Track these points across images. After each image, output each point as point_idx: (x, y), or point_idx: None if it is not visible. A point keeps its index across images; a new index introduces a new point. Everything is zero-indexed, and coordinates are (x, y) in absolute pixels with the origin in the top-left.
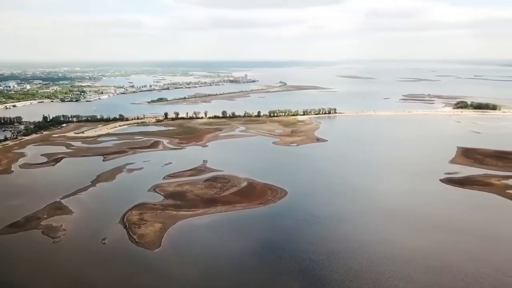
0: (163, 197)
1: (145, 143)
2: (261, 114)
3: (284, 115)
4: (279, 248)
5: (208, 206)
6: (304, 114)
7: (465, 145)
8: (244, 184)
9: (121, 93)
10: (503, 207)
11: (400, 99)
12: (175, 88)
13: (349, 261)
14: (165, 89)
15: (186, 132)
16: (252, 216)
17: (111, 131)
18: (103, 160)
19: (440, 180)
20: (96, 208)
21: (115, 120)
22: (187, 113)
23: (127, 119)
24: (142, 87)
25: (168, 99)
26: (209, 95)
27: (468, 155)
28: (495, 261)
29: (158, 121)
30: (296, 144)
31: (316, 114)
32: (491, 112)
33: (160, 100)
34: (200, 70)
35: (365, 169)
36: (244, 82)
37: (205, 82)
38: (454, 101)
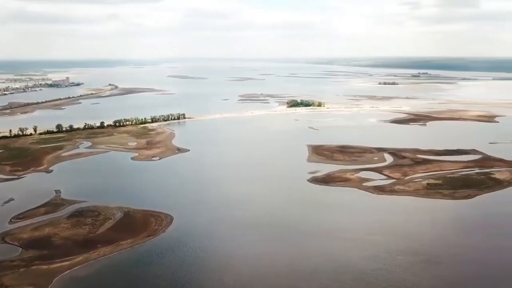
0: (20, 249)
1: None
2: (105, 124)
3: (132, 124)
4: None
5: (86, 251)
6: (153, 121)
7: (312, 143)
8: (120, 214)
9: None
10: (368, 200)
11: (238, 100)
12: None
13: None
14: None
15: (17, 155)
16: (145, 254)
17: None
18: None
19: (308, 180)
20: None
21: None
22: (10, 130)
23: None
24: None
25: None
26: (28, 104)
27: (319, 152)
28: (384, 256)
29: None
30: (158, 158)
31: (165, 120)
32: (318, 108)
33: None
34: (2, 72)
35: (237, 177)
36: (67, 86)
37: (17, 88)
38: (283, 100)
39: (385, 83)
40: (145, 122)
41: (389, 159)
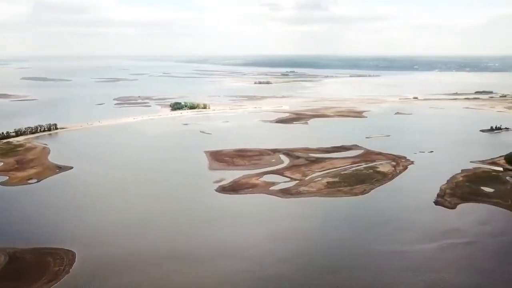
0: None
1: None
2: None
3: None
4: None
5: None
6: (18, 135)
7: (208, 149)
8: (4, 258)
9: None
10: (278, 205)
11: (115, 104)
12: None
13: None
14: None
15: None
16: None
17: None
18: None
19: (215, 190)
20: None
21: None
22: None
23: None
24: None
25: None
26: None
27: (218, 158)
28: (318, 267)
29: None
30: (36, 180)
31: (34, 133)
32: (204, 111)
33: None
34: None
35: (137, 195)
36: None
37: None
38: (165, 102)
39: (260, 83)
40: (8, 137)
41: (285, 160)
